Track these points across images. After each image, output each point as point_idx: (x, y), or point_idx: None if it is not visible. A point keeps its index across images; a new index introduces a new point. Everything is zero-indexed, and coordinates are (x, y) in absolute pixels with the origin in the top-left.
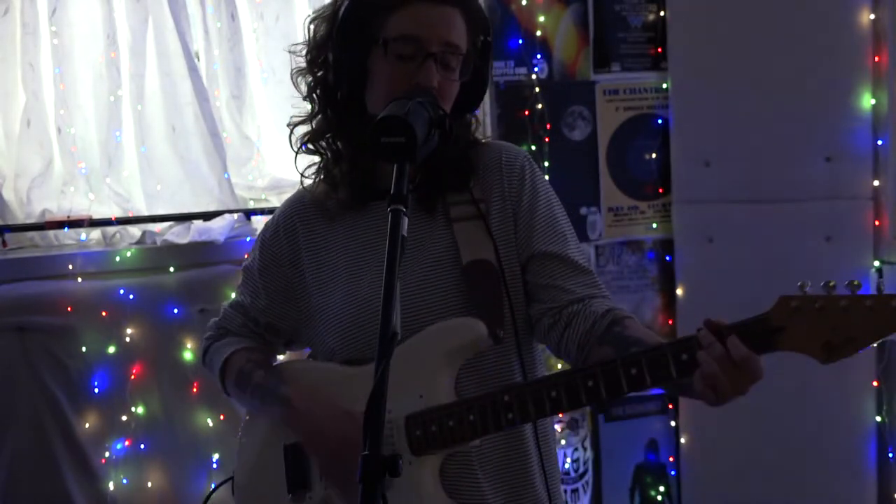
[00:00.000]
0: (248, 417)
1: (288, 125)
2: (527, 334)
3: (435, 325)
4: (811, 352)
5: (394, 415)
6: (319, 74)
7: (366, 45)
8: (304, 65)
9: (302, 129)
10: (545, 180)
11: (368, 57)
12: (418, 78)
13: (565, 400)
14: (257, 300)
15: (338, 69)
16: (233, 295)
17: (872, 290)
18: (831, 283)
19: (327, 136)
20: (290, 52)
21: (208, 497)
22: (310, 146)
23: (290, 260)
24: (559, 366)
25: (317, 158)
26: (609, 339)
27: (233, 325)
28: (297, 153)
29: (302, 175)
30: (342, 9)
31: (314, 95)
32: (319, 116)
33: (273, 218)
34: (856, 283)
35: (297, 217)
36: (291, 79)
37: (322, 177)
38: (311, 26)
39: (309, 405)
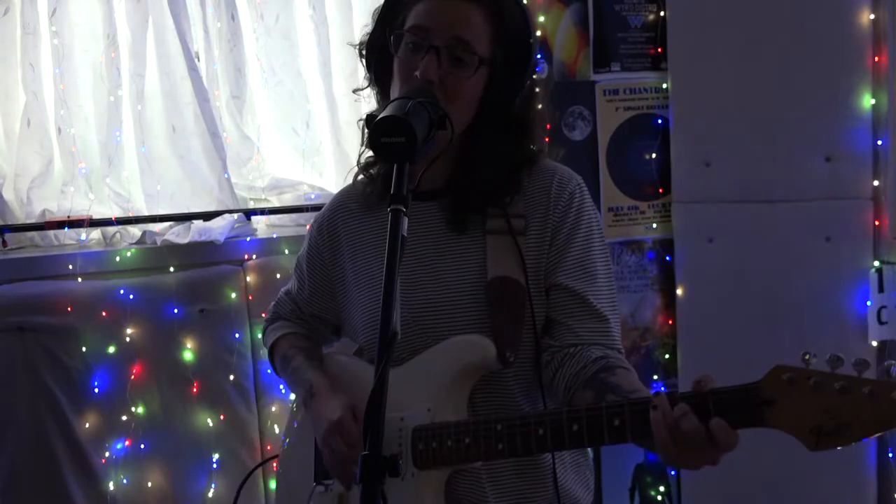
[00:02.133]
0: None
1: (359, 121)
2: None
3: (449, 340)
4: (798, 434)
5: (405, 423)
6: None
7: (389, 38)
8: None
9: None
10: (594, 212)
11: (392, 51)
12: (418, 69)
13: (550, 440)
14: (302, 291)
15: (368, 65)
16: (232, 294)
17: (873, 294)
18: (837, 357)
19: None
20: (351, 45)
21: (251, 472)
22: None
23: (332, 256)
24: None
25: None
26: (592, 382)
27: (284, 310)
28: (363, 147)
29: (359, 166)
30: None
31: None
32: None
33: (320, 213)
34: (863, 361)
35: (339, 212)
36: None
37: (360, 168)
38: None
39: (327, 395)
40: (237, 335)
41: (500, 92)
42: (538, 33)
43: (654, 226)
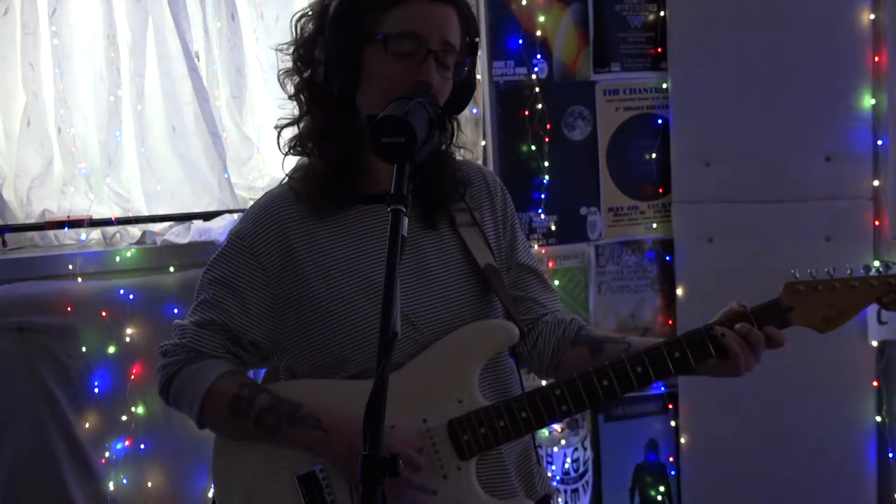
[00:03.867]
0: (225, 446)
1: (275, 127)
2: None
3: (467, 328)
4: (814, 324)
5: (431, 423)
6: (306, 74)
7: (360, 41)
8: (290, 65)
9: (289, 131)
10: None
11: (362, 53)
12: (420, 75)
13: (618, 386)
14: (240, 315)
15: (329, 66)
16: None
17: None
18: (811, 271)
19: (315, 138)
20: (276, 50)
21: None
22: (298, 148)
23: (280, 266)
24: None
25: (304, 159)
26: (580, 340)
27: (207, 346)
28: (285, 155)
29: (288, 176)
30: (334, 3)
31: (301, 96)
32: (307, 118)
33: (252, 224)
34: (832, 268)
35: (284, 219)
36: (278, 79)
37: (306, 176)
38: (299, 24)
39: (342, 426)
40: None
41: (458, 88)
42: (538, 33)
43: (654, 226)
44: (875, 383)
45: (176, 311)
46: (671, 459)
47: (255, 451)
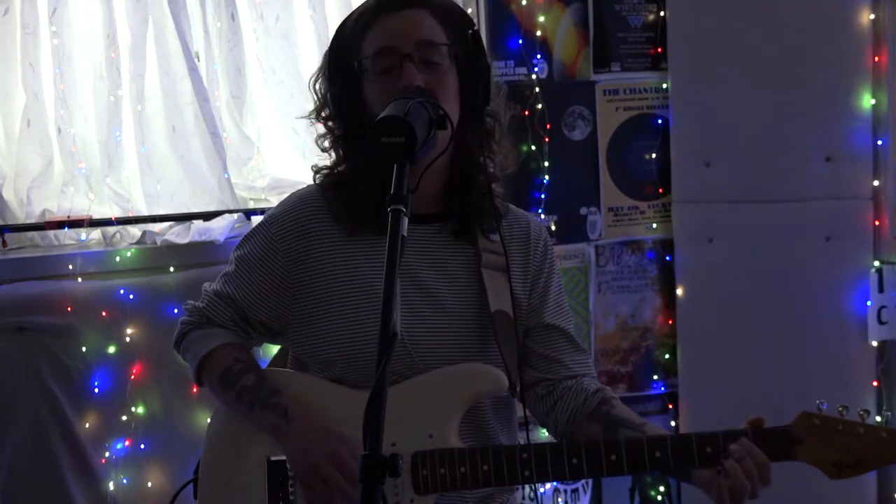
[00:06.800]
0: (220, 414)
1: (312, 168)
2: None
3: (457, 368)
4: (823, 467)
5: (398, 449)
6: (339, 131)
7: (355, 79)
8: (322, 127)
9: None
10: (555, 256)
11: (361, 90)
12: (401, 81)
13: (586, 468)
14: (250, 295)
15: (338, 111)
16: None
17: (873, 294)
18: (841, 408)
19: (356, 176)
20: (307, 117)
21: (174, 498)
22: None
23: (296, 259)
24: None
25: (329, 162)
26: (598, 416)
27: (218, 315)
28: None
29: (319, 171)
30: (324, 58)
31: (336, 146)
32: (345, 163)
33: (281, 212)
34: (865, 411)
35: (312, 218)
36: (317, 143)
37: (347, 198)
38: (316, 87)
39: (303, 422)
40: None
41: (470, 86)
42: (538, 33)
43: (654, 226)
44: (875, 383)
45: (176, 311)
46: None
47: (241, 422)
